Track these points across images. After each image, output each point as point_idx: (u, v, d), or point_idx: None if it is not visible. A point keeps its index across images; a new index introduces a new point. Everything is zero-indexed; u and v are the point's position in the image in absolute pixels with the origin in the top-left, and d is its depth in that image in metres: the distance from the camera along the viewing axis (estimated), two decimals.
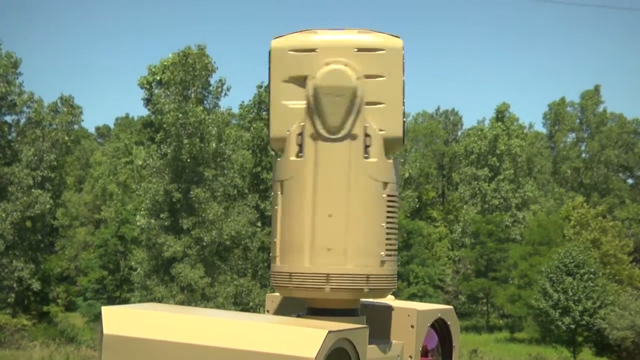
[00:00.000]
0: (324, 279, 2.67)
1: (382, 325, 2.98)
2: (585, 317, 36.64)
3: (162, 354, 2.48)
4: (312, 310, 2.81)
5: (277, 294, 3.16)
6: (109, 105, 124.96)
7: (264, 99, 39.51)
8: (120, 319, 2.61)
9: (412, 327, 2.96)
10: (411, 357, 2.97)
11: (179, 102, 36.06)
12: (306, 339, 2.30)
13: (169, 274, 35.26)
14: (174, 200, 35.61)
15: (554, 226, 45.82)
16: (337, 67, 2.72)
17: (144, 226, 36.17)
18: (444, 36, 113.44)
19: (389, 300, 3.08)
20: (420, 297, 44.71)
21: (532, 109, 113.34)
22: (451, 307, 3.23)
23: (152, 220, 35.85)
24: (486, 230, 48.86)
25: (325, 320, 2.62)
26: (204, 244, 35.27)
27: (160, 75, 37.84)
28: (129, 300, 38.97)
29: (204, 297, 34.71)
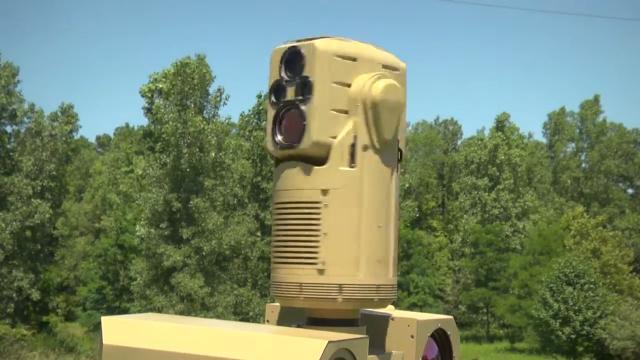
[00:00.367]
0: (336, 289, 2.67)
1: (382, 335, 2.98)
2: (585, 327, 36.59)
3: None
4: (312, 320, 2.80)
5: (277, 304, 3.15)
6: (109, 114, 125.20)
7: (264, 108, 39.49)
8: (120, 329, 2.61)
9: (412, 337, 2.96)
10: None
11: (178, 112, 36.12)
12: (306, 350, 2.30)
13: (169, 284, 35.23)
14: (174, 209, 35.61)
15: (555, 236, 45.77)
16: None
17: (144, 236, 36.16)
18: (443, 45, 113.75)
19: (389, 310, 3.08)
20: (420, 306, 44.63)
21: (531, 119, 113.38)
22: (451, 317, 3.22)
23: (152, 229, 35.85)
24: (486, 240, 48.81)
25: (325, 330, 2.61)
26: (204, 253, 35.24)
27: (162, 84, 37.95)
28: (128, 310, 38.89)
29: (204, 307, 34.67)
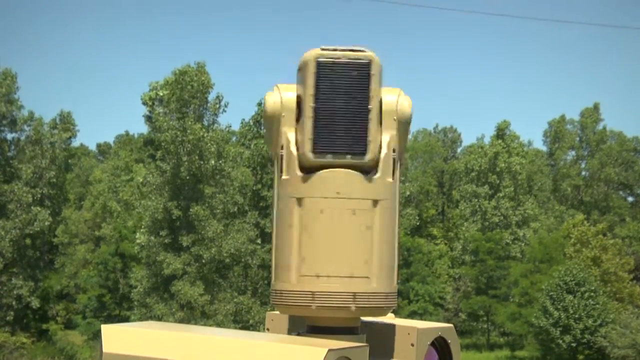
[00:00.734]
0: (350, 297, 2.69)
1: (382, 343, 2.97)
2: (586, 336, 36.50)
3: None
4: (312, 328, 2.79)
5: (277, 312, 3.14)
6: (110, 122, 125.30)
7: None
8: (119, 338, 2.60)
9: (413, 345, 2.95)
10: None
11: (177, 119, 36.11)
12: (306, 358, 2.29)
13: (169, 292, 35.16)
14: (174, 217, 35.57)
15: (555, 244, 45.71)
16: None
17: (144, 243, 36.11)
18: (443, 53, 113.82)
19: (389, 318, 3.07)
20: (420, 315, 44.51)
21: (531, 127, 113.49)
22: (451, 325, 3.22)
23: (152, 237, 35.80)
24: (486, 247, 48.73)
25: (325, 338, 2.61)
26: (204, 261, 35.19)
27: (163, 91, 37.95)
28: (128, 318, 38.80)
29: (204, 315, 34.59)
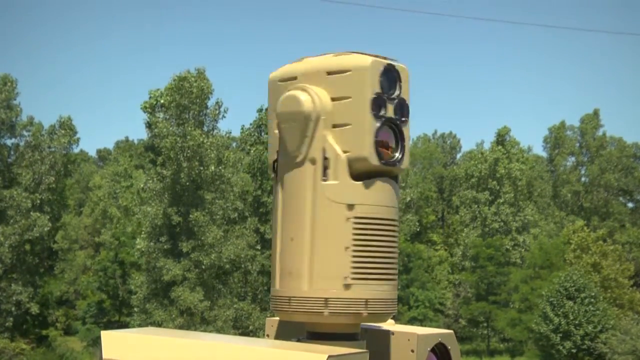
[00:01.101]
0: (322, 302, 2.67)
1: (382, 349, 2.97)
2: (586, 342, 36.48)
3: None
4: (312, 334, 2.79)
5: (277, 318, 3.14)
6: (109, 128, 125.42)
7: (264, 122, 39.58)
8: (119, 344, 2.60)
9: (412, 351, 2.95)
10: None
11: (177, 125, 36.13)
12: None
13: (169, 298, 35.13)
14: (174, 223, 35.56)
15: (555, 250, 45.72)
16: (292, 92, 2.74)
17: (144, 249, 36.09)
18: (442, 59, 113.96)
19: (389, 324, 3.07)
20: (420, 320, 44.49)
21: (531, 133, 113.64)
22: (451, 331, 3.21)
23: (152, 243, 35.78)
24: (486, 253, 48.74)
25: (325, 344, 2.60)
26: (204, 267, 35.17)
27: (163, 98, 37.98)
28: (128, 324, 38.78)
29: (204, 321, 34.56)
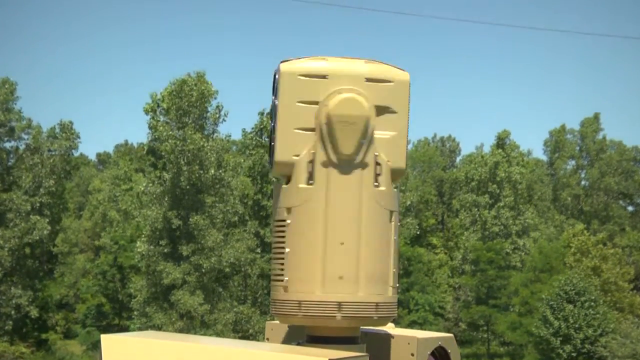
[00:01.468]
0: (335, 307, 2.66)
1: (382, 353, 2.97)
2: (586, 345, 36.42)
3: None
4: (312, 338, 2.79)
5: (277, 322, 3.14)
6: (109, 132, 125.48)
7: (265, 125, 39.52)
8: (119, 348, 2.60)
9: (413, 355, 2.94)
10: None
11: (177, 129, 36.12)
12: None
13: (168, 301, 35.09)
14: (174, 227, 35.53)
15: (555, 253, 45.69)
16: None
17: (144, 253, 36.05)
18: (441, 62, 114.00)
19: (389, 327, 3.07)
20: (420, 324, 44.41)
21: (531, 136, 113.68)
22: (451, 334, 3.21)
23: (152, 246, 35.75)
24: (486, 257, 48.69)
25: (325, 348, 2.60)
26: (204, 270, 35.13)
27: (165, 102, 37.98)
28: (128, 327, 38.73)
29: (204, 324, 34.52)
